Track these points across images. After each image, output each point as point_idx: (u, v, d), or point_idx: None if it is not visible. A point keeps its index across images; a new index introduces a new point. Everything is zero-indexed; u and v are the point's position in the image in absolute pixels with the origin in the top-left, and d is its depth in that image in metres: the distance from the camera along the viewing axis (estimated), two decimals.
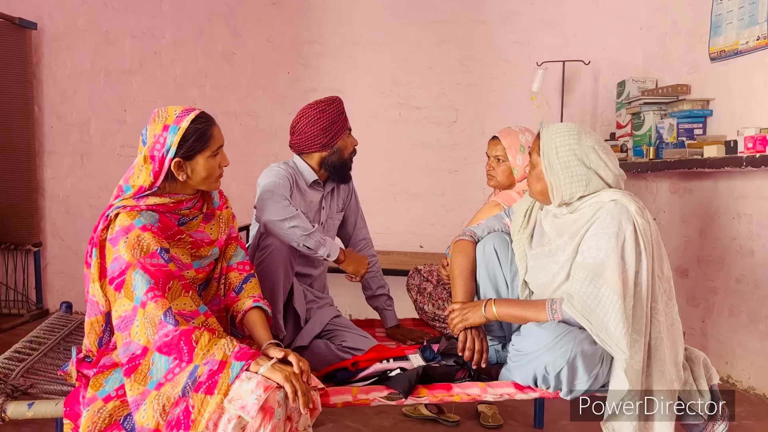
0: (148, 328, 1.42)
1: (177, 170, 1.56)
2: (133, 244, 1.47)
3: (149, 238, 1.49)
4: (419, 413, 2.61)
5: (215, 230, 1.70)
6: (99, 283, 1.52)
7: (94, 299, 1.54)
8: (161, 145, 1.54)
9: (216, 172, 1.63)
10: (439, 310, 2.42)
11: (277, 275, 1.99)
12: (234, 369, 1.38)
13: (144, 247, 1.47)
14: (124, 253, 1.46)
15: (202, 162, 1.59)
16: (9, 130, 4.06)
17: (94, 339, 1.57)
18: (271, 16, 4.25)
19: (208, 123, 1.60)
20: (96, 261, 1.52)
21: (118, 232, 1.49)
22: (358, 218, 2.45)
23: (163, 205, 1.57)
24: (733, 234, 3.13)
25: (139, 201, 1.55)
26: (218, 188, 1.70)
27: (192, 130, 1.56)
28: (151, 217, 1.54)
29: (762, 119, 2.93)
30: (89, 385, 1.48)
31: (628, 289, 1.59)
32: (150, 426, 1.35)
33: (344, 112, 2.23)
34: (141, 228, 1.49)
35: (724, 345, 3.18)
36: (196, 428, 1.33)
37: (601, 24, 4.12)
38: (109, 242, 1.50)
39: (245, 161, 3.99)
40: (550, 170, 1.71)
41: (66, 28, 4.22)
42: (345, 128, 2.23)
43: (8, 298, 4.16)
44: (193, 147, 1.56)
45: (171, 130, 1.54)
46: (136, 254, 1.46)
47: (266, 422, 1.34)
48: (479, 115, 4.21)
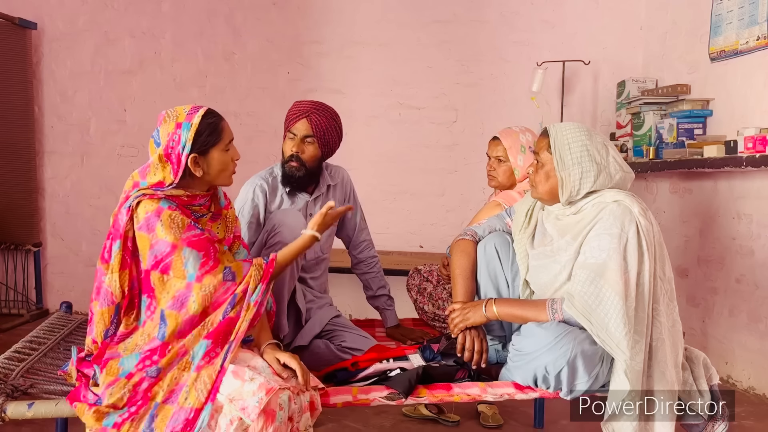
0: (207, 298, 1.51)
1: (194, 166, 1.59)
2: (170, 224, 1.52)
3: (179, 216, 1.54)
4: (419, 413, 2.61)
5: (222, 229, 1.73)
6: (119, 274, 1.54)
7: (109, 290, 1.55)
8: (176, 142, 1.57)
9: (230, 166, 1.67)
10: (439, 310, 2.42)
11: (282, 275, 1.98)
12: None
13: (179, 224, 1.53)
14: (165, 236, 1.51)
15: (217, 156, 1.62)
16: (9, 130, 4.05)
17: (101, 329, 1.58)
18: (271, 16, 4.24)
19: (218, 117, 1.64)
20: (118, 253, 1.54)
21: (149, 218, 1.52)
22: (359, 221, 2.43)
23: (179, 197, 1.60)
24: (733, 234, 3.13)
25: (156, 191, 1.57)
26: (231, 183, 1.72)
27: (205, 125, 1.59)
28: (172, 203, 1.57)
29: (762, 119, 2.93)
30: (105, 374, 1.51)
31: (629, 290, 1.59)
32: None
33: (289, 115, 2.17)
34: (169, 208, 1.54)
35: (724, 345, 3.18)
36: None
37: (601, 24, 4.12)
38: (141, 230, 1.53)
39: (245, 161, 3.94)
40: (561, 165, 1.70)
41: (66, 28, 4.22)
42: (286, 132, 2.18)
43: (8, 298, 4.15)
44: (207, 141, 1.60)
45: (184, 127, 1.58)
46: (177, 233, 1.51)
47: (268, 425, 1.34)
48: (479, 115, 4.21)
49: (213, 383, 1.43)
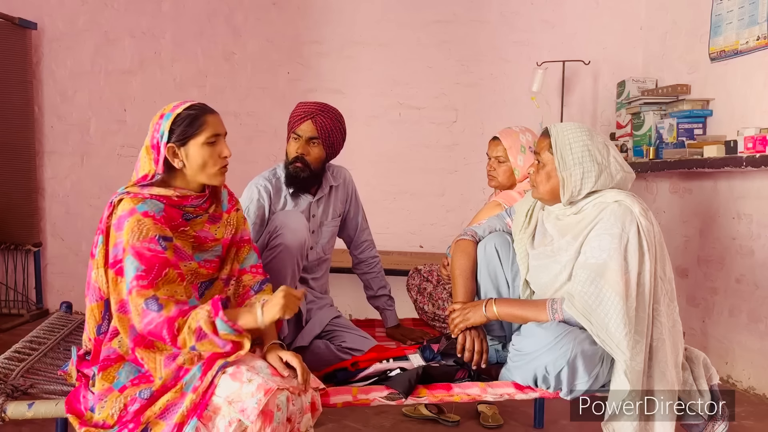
0: (135, 316, 1.45)
1: (172, 156, 1.57)
2: (132, 228, 1.48)
3: (149, 224, 1.49)
4: (419, 413, 2.61)
5: (220, 231, 1.70)
6: (104, 269, 1.54)
7: (96, 285, 1.56)
8: (156, 131, 1.57)
9: (213, 161, 1.60)
10: (439, 310, 2.42)
11: (284, 274, 1.99)
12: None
13: (143, 232, 1.48)
14: (123, 238, 1.49)
15: (196, 148, 1.58)
16: (9, 130, 4.05)
17: (93, 325, 1.58)
18: (271, 16, 4.24)
19: (202, 110, 1.61)
20: (101, 247, 1.55)
21: (121, 216, 1.51)
22: (360, 221, 2.43)
23: (167, 197, 1.57)
24: (733, 234, 3.13)
25: (143, 189, 1.56)
26: (221, 182, 1.67)
27: (183, 116, 1.57)
28: (155, 205, 1.54)
29: (762, 119, 2.93)
30: (100, 378, 1.50)
31: (630, 290, 1.59)
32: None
33: (294, 116, 2.15)
34: (142, 213, 1.50)
35: (724, 345, 3.18)
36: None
37: (601, 24, 4.12)
38: (113, 227, 1.52)
39: (245, 161, 3.98)
40: (563, 165, 1.70)
41: (66, 28, 4.21)
42: (290, 133, 2.17)
43: (8, 298, 4.15)
44: (185, 132, 1.57)
45: (165, 117, 1.58)
46: (131, 239, 1.47)
47: (266, 426, 1.34)
48: (479, 115, 4.21)
49: (200, 399, 1.40)
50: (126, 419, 1.42)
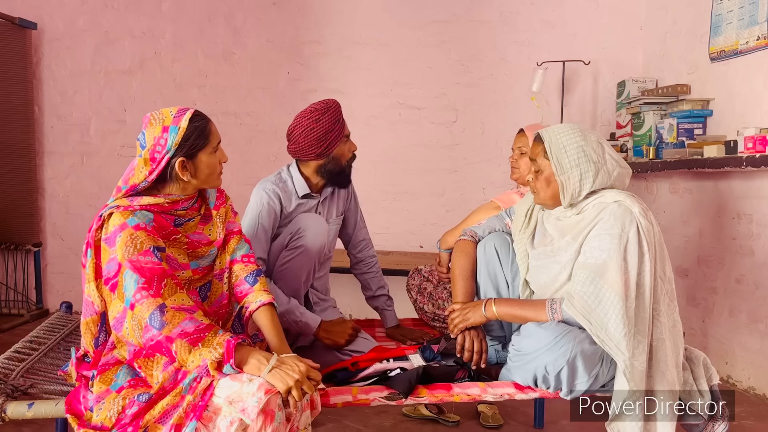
0: (136, 330, 1.43)
1: (182, 170, 1.56)
2: (126, 242, 1.46)
3: (142, 236, 1.48)
4: (419, 413, 2.61)
5: (214, 231, 1.69)
6: (95, 284, 1.51)
7: (89, 299, 1.53)
8: (162, 146, 1.54)
9: (217, 168, 1.64)
10: (439, 310, 2.42)
11: (300, 275, 2.06)
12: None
13: (137, 246, 1.47)
14: (116, 253, 1.46)
15: (205, 159, 1.59)
16: (9, 130, 4.05)
17: (90, 339, 1.56)
18: (271, 16, 4.24)
19: (205, 120, 1.61)
20: (91, 261, 1.52)
21: (113, 231, 1.49)
22: (358, 219, 2.45)
23: (158, 205, 1.56)
24: (733, 234, 3.13)
25: (133, 201, 1.54)
26: (220, 185, 1.69)
27: (192, 129, 1.56)
28: (145, 216, 1.53)
29: (762, 119, 2.93)
30: (99, 380, 1.49)
31: (629, 290, 1.58)
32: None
33: (341, 119, 2.16)
34: (134, 227, 1.49)
35: (724, 345, 3.18)
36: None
37: (601, 24, 4.12)
38: (105, 242, 1.50)
39: (245, 161, 3.99)
40: (560, 169, 1.69)
41: (66, 28, 4.22)
42: (341, 136, 2.16)
43: (8, 298, 4.15)
44: (194, 145, 1.57)
45: (171, 131, 1.55)
46: (127, 253, 1.45)
47: (267, 425, 1.34)
48: (479, 115, 4.21)
49: (199, 400, 1.39)
50: (124, 422, 1.41)
